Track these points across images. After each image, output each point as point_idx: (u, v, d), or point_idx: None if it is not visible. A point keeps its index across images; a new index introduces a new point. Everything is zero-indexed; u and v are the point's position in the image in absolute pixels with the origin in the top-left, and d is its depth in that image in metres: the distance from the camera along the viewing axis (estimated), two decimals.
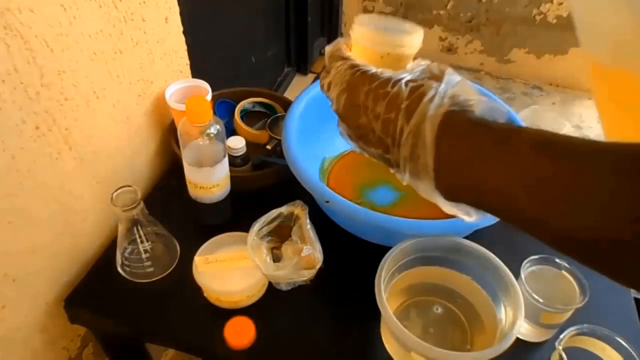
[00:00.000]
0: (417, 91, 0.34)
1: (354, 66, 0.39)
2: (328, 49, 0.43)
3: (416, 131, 0.34)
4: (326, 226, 0.70)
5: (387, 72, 0.38)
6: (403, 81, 0.36)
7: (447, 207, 0.36)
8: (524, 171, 0.29)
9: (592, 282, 0.59)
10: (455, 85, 0.35)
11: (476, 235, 0.64)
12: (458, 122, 0.33)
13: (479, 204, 0.34)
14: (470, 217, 0.37)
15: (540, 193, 0.28)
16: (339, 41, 0.43)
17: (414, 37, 0.42)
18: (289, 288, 0.65)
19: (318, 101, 0.79)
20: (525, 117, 1.56)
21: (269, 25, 1.73)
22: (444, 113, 0.33)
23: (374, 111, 0.36)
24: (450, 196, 0.35)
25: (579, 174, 0.27)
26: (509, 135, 0.31)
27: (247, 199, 0.76)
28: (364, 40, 0.42)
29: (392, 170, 0.39)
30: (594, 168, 0.26)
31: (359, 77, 0.38)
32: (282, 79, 1.93)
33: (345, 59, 0.41)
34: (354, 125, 0.39)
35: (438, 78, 0.36)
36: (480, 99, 0.34)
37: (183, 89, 0.81)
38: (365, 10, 2.20)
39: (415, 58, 0.44)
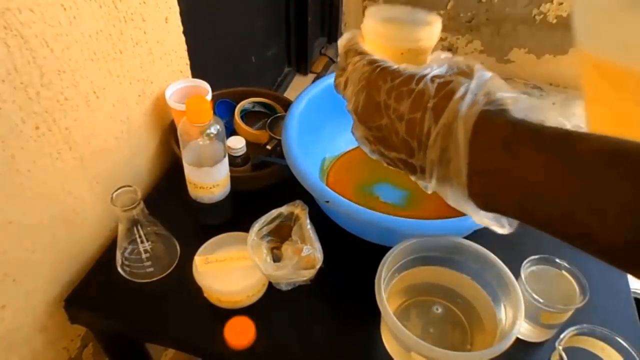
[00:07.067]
0: (446, 88, 0.31)
1: (373, 62, 0.36)
2: (342, 42, 0.40)
3: (446, 132, 0.30)
4: (326, 226, 0.70)
5: (411, 68, 0.34)
6: (428, 77, 0.32)
7: (479, 216, 0.33)
8: (590, 188, 0.26)
9: (592, 282, 0.59)
10: (487, 82, 0.32)
11: (476, 235, 0.64)
12: (495, 123, 0.30)
13: (521, 216, 0.31)
14: (503, 229, 0.34)
15: (609, 210, 0.26)
16: (354, 33, 0.40)
17: (434, 28, 0.39)
18: (289, 288, 0.64)
19: (318, 101, 0.79)
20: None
21: (269, 25, 1.73)
22: (478, 112, 0.30)
23: (397, 111, 0.33)
24: (486, 205, 0.32)
25: None
26: (565, 144, 0.28)
27: (247, 199, 0.76)
28: (380, 38, 0.39)
29: (413, 178, 0.36)
30: None
31: (379, 73, 0.35)
32: (282, 79, 1.93)
33: (362, 54, 0.37)
34: (373, 127, 0.35)
35: (466, 74, 0.33)
36: (518, 97, 0.31)
37: (183, 89, 0.81)
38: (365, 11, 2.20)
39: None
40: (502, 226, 0.34)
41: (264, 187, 0.80)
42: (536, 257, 0.62)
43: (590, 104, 0.41)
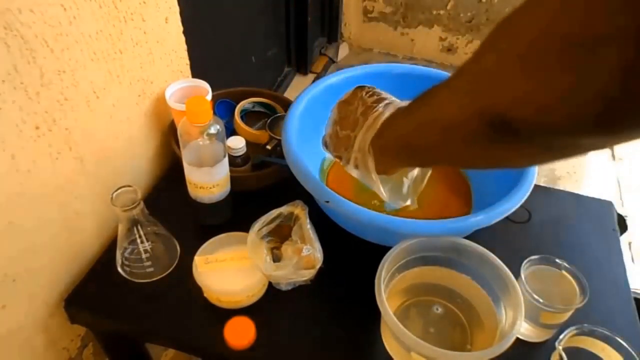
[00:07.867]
0: (396, 100, 0.52)
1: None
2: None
3: (379, 114, 0.51)
4: (326, 226, 0.70)
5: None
6: (392, 96, 0.54)
7: (375, 176, 0.53)
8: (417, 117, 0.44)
9: (592, 282, 0.59)
10: None
11: (476, 235, 0.64)
12: (400, 107, 0.50)
13: (399, 149, 0.49)
14: (384, 196, 0.56)
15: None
16: None
17: None
18: (289, 288, 0.65)
19: (318, 101, 0.79)
20: None
21: (269, 25, 1.73)
22: (399, 106, 0.50)
23: (365, 101, 0.54)
24: (382, 151, 0.50)
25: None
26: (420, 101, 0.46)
27: (247, 199, 0.76)
28: None
29: (343, 157, 0.56)
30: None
31: (364, 86, 0.56)
32: (282, 79, 1.93)
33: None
34: (344, 109, 0.56)
35: None
36: None
37: (183, 89, 0.81)
38: (365, 11, 2.20)
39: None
40: (384, 195, 0.55)
41: (264, 187, 0.80)
42: (536, 257, 0.62)
43: None
